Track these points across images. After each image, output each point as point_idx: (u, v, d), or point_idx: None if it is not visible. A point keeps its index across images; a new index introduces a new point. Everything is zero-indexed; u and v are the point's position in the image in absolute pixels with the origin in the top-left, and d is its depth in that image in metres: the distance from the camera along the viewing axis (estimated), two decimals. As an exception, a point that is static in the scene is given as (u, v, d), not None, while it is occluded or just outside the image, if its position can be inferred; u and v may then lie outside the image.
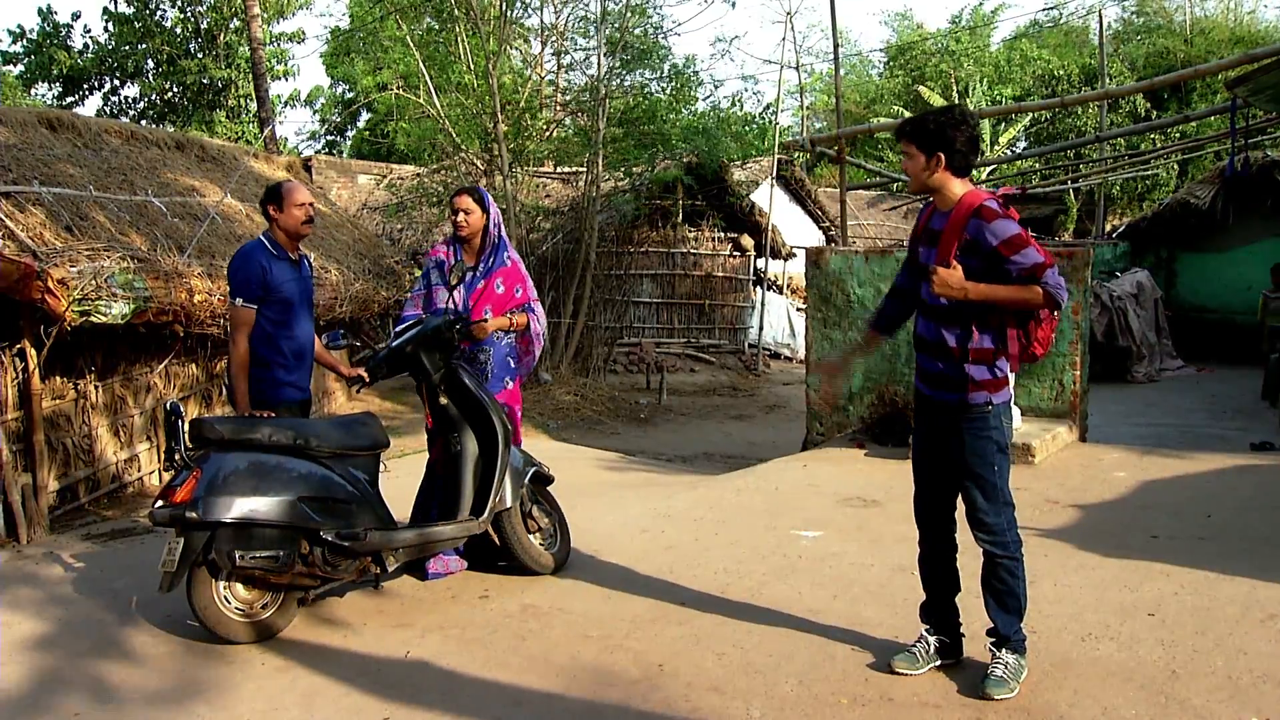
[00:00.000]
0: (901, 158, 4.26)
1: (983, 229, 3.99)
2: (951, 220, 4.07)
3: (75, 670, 4.79)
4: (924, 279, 4.19)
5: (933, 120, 4.11)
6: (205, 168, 12.79)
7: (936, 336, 4.19)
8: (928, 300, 4.21)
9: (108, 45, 28.75)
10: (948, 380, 4.17)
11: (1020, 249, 3.96)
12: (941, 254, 4.05)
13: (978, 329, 4.10)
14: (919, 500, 4.46)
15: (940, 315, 4.16)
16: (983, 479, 4.15)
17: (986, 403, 4.14)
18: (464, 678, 4.54)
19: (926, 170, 4.12)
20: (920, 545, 4.48)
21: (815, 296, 10.13)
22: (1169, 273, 17.24)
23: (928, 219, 4.27)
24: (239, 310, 5.49)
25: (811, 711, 4.05)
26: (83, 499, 8.50)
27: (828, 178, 34.28)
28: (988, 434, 4.15)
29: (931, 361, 4.23)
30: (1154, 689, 4.11)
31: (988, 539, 4.17)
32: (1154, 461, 8.49)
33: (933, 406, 4.30)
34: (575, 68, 21.22)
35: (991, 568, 4.19)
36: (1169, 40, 35.02)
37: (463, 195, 6.12)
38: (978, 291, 3.99)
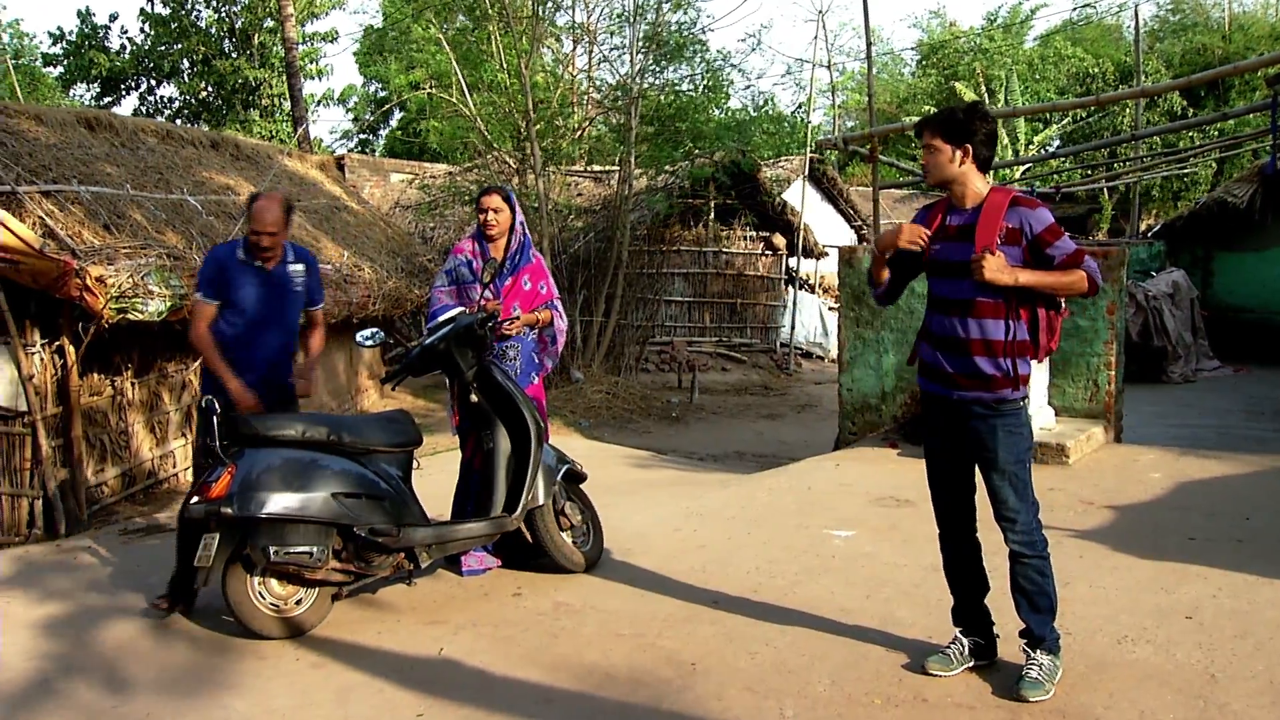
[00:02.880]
0: (925, 151, 4.21)
1: (1025, 217, 4.02)
2: (986, 212, 4.06)
3: (111, 663, 4.83)
4: (949, 277, 4.16)
5: (960, 113, 4.11)
6: (240, 166, 12.90)
7: (974, 332, 4.12)
8: (962, 297, 4.14)
9: (144, 46, 29.05)
10: (984, 377, 4.11)
11: (1060, 235, 4.03)
12: (983, 243, 4.02)
13: (1016, 321, 4.09)
14: (942, 505, 4.41)
15: (980, 310, 4.11)
16: (1016, 476, 4.12)
17: (1022, 396, 4.13)
18: (496, 675, 4.55)
19: (953, 163, 4.10)
20: (945, 549, 4.44)
21: (848, 295, 10.09)
22: (1205, 272, 17.06)
23: (942, 216, 4.23)
24: (196, 303, 5.71)
25: (845, 711, 4.03)
26: (119, 494, 8.59)
27: (859, 176, 34.16)
28: (1020, 429, 4.14)
29: (963, 360, 4.16)
30: (1192, 693, 4.06)
31: (1018, 538, 4.13)
32: (1190, 463, 8.40)
33: (958, 408, 4.22)
34: (607, 63, 21.22)
35: (1020, 568, 4.15)
36: (1206, 37, 34.65)
37: (491, 194, 6.15)
38: (1029, 278, 3.99)
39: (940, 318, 4.26)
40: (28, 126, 9.18)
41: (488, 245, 6.14)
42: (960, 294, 4.15)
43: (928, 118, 4.23)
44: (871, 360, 9.92)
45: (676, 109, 18.38)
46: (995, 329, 4.09)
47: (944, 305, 4.24)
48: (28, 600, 5.80)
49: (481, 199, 6.17)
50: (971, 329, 4.13)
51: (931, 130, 4.15)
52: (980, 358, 4.11)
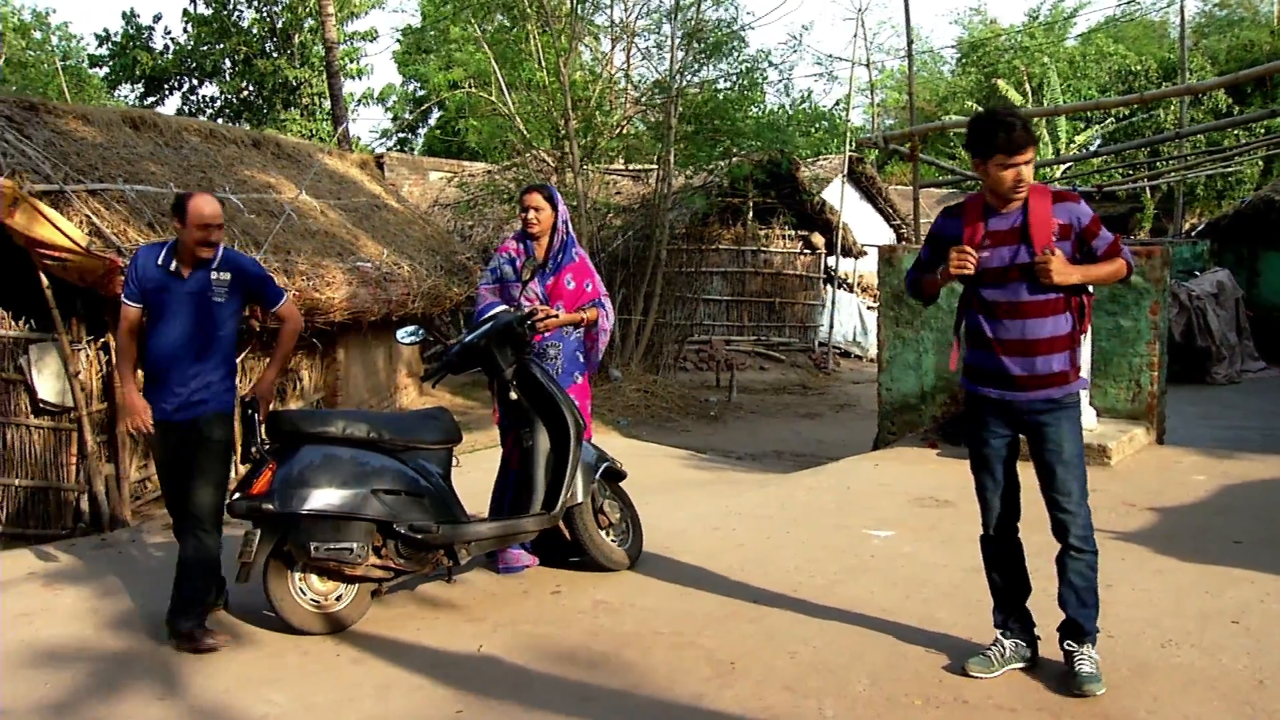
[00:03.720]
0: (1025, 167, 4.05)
1: (1073, 212, 4.07)
2: (1035, 212, 4.04)
3: (155, 656, 4.89)
4: (1005, 281, 4.10)
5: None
6: (281, 165, 13.00)
7: (1044, 332, 4.09)
8: (1025, 299, 4.10)
9: (187, 46, 29.36)
10: (1055, 374, 4.10)
11: (1100, 228, 4.09)
12: (1040, 244, 4.01)
13: (1071, 314, 4.11)
14: (992, 507, 4.37)
15: (1045, 309, 4.09)
16: (1079, 469, 4.14)
17: (1079, 388, 4.18)
18: (535, 673, 4.56)
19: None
20: (988, 550, 4.40)
21: (888, 295, 10.04)
22: (1251, 272, 16.84)
23: (981, 220, 4.17)
24: (123, 308, 5.32)
25: (884, 712, 4.01)
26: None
27: (898, 175, 33.98)
28: (1080, 420, 4.20)
29: (1031, 361, 4.12)
30: (1238, 699, 4.01)
31: (1078, 532, 4.13)
32: (1235, 465, 8.29)
33: (1021, 408, 4.19)
34: (646, 61, 21.22)
35: (1074, 564, 4.14)
36: (1253, 32, 34.19)
37: (533, 193, 6.14)
38: (1083, 273, 4.05)
39: (996, 322, 4.19)
40: (75, 126, 9.30)
41: (531, 244, 6.12)
42: (1018, 296, 4.11)
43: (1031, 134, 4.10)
44: (911, 360, 9.86)
45: (714, 107, 18.35)
46: (1057, 325, 4.10)
47: (999, 309, 4.18)
48: (76, 593, 5.89)
49: (523, 197, 6.15)
50: (1039, 328, 4.10)
51: (1031, 142, 4.08)
52: (1048, 356, 4.10)
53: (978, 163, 4.12)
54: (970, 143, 4.16)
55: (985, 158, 4.06)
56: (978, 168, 4.14)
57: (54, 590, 5.98)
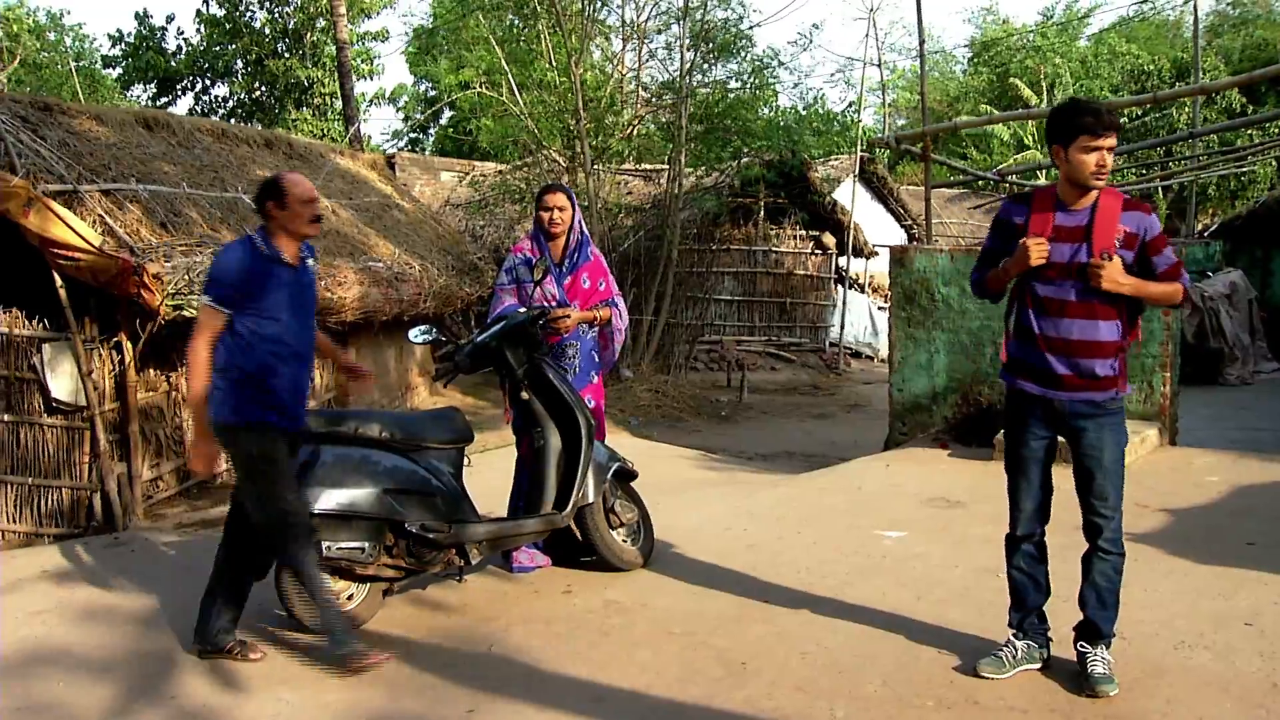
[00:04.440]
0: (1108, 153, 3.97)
1: (1143, 223, 3.99)
2: (1102, 214, 3.99)
3: (169, 656, 4.91)
4: (1059, 277, 4.07)
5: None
6: (293, 165, 13.02)
7: (1089, 334, 4.06)
8: (1072, 298, 4.07)
9: (199, 46, 29.45)
10: (1097, 377, 4.07)
11: (1166, 246, 4.00)
12: (1100, 247, 3.96)
13: (1123, 322, 4.07)
14: (1023, 506, 4.32)
15: (1093, 311, 4.05)
16: (1117, 475, 4.12)
17: (1123, 395, 4.15)
18: (546, 673, 4.57)
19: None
20: (1019, 549, 4.34)
21: (899, 295, 10.02)
22: (1264, 272, 16.77)
23: (1050, 214, 4.11)
24: (205, 309, 4.69)
25: (896, 713, 4.01)
26: (174, 489, 8.71)
27: (909, 175, 33.93)
28: (1123, 427, 4.17)
29: (1074, 362, 4.09)
30: (1252, 701, 3.99)
31: (1110, 534, 4.13)
32: (1248, 466, 8.25)
33: (1061, 408, 4.16)
34: (656, 59, 21.22)
35: (1100, 566, 4.14)
36: (1267, 31, 34.07)
37: (556, 193, 6.12)
38: (1133, 286, 3.97)
39: (1046, 319, 4.16)
40: (88, 126, 9.33)
41: (548, 244, 6.10)
42: (1069, 295, 4.08)
43: (1115, 118, 4.02)
44: (923, 360, 9.84)
45: (725, 107, 18.35)
46: (1109, 330, 4.06)
47: (1050, 306, 4.14)
48: (88, 592, 5.91)
49: (545, 197, 6.12)
50: (1086, 330, 4.07)
51: (1118, 130, 4.02)
52: (1093, 360, 4.06)
53: (1058, 149, 4.02)
54: (1051, 129, 4.08)
55: (1067, 142, 3.98)
56: (1057, 155, 4.04)
57: (67, 589, 6.00)
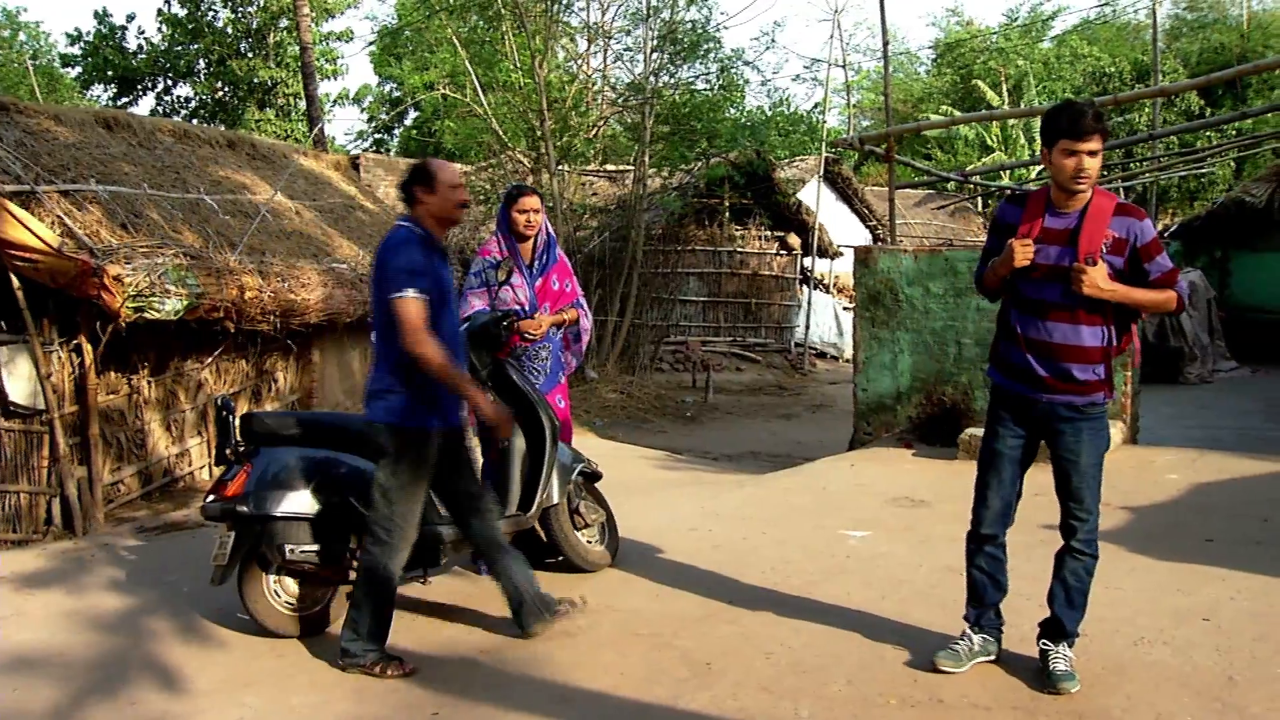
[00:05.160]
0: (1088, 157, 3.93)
1: (1135, 229, 3.96)
2: (1091, 218, 3.97)
3: (129, 660, 4.86)
4: (1043, 279, 4.07)
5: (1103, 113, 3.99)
6: (256, 166, 12.93)
7: (1068, 337, 4.06)
8: (1054, 300, 4.07)
9: (161, 46, 29.18)
10: (1075, 381, 4.08)
11: (1160, 252, 3.96)
12: (1085, 251, 3.93)
13: (1109, 328, 4.05)
14: (988, 502, 4.35)
15: (1075, 315, 4.04)
16: (1095, 479, 4.15)
17: (1109, 399, 4.16)
18: (512, 674, 4.55)
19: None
20: (981, 547, 4.37)
21: (864, 296, 10.07)
22: (1223, 272, 16.97)
23: (1041, 215, 4.10)
24: (411, 302, 4.44)
25: (860, 712, 4.02)
26: (136, 493, 8.62)
27: (874, 176, 34.09)
28: (1104, 432, 4.17)
29: (1053, 363, 4.09)
30: (1210, 695, 4.04)
31: (1084, 536, 4.17)
32: (1208, 464, 8.35)
33: (1040, 409, 4.18)
34: (622, 62, 21.24)
35: (1072, 565, 4.18)
36: (1224, 35, 34.49)
37: (532, 195, 6.05)
38: (1121, 292, 3.94)
39: (1031, 320, 4.16)
40: (46, 126, 9.22)
41: (517, 246, 6.04)
42: (1053, 297, 4.07)
43: (1101, 119, 3.94)
44: (887, 360, 9.89)
45: (691, 108, 18.38)
46: (1091, 335, 4.05)
47: (1035, 307, 4.14)
48: (47, 597, 5.84)
49: (521, 199, 6.00)
50: (1068, 334, 4.07)
51: (1102, 134, 3.94)
52: (1074, 364, 4.06)
53: (1045, 152, 4.03)
54: (1041, 131, 4.08)
55: (1050, 145, 3.97)
56: (1045, 158, 4.04)
57: (25, 594, 5.93)
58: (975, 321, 9.23)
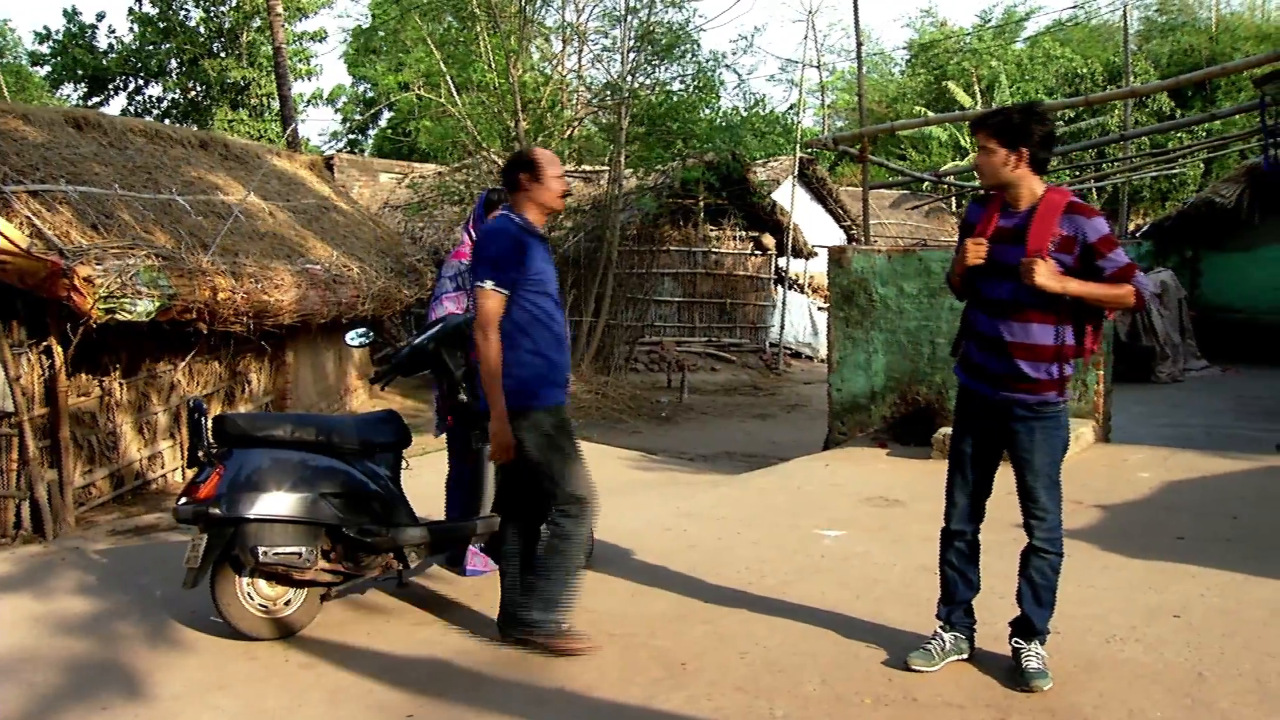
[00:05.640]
0: (980, 153, 4.15)
1: (1082, 225, 3.99)
2: (1040, 216, 4.03)
3: (100, 665, 4.82)
4: (996, 278, 4.14)
5: (1017, 115, 4.08)
6: (228, 166, 12.85)
7: (1017, 335, 4.11)
8: (1003, 297, 4.13)
9: (132, 45, 28.94)
10: (1027, 379, 4.11)
11: (1115, 247, 3.99)
12: (1034, 248, 3.99)
13: (1064, 326, 4.07)
14: (957, 500, 4.40)
15: (1025, 313, 4.09)
16: (1050, 478, 4.17)
17: (1064, 400, 4.16)
18: (487, 676, 4.55)
19: (1007, 165, 4.07)
20: (947, 544, 4.44)
21: (838, 296, 10.10)
22: (1194, 272, 17.11)
23: (995, 217, 4.19)
24: (489, 294, 4.57)
25: (835, 711, 4.04)
26: (107, 495, 8.55)
27: (849, 177, 34.17)
28: (1060, 432, 4.19)
29: (1006, 361, 4.14)
30: (1180, 691, 4.08)
31: (1044, 534, 4.19)
32: (1179, 462, 8.42)
33: (997, 407, 4.22)
34: (599, 62, 21.22)
35: (1036, 563, 4.20)
36: (1193, 37, 34.75)
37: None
38: (1077, 287, 3.97)
39: (986, 318, 4.23)
40: (15, 126, 9.12)
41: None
42: (1006, 295, 4.13)
43: (982, 118, 4.17)
44: (861, 360, 9.93)
45: (667, 109, 18.39)
46: (1042, 333, 4.08)
47: (990, 306, 4.21)
48: (16, 602, 5.78)
49: (499, 205, 6.01)
50: (1018, 332, 4.11)
51: (986, 131, 4.09)
52: (1025, 361, 4.10)
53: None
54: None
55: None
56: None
57: (-5, 598, 5.87)
58: (949, 321, 9.27)
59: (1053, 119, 4.12)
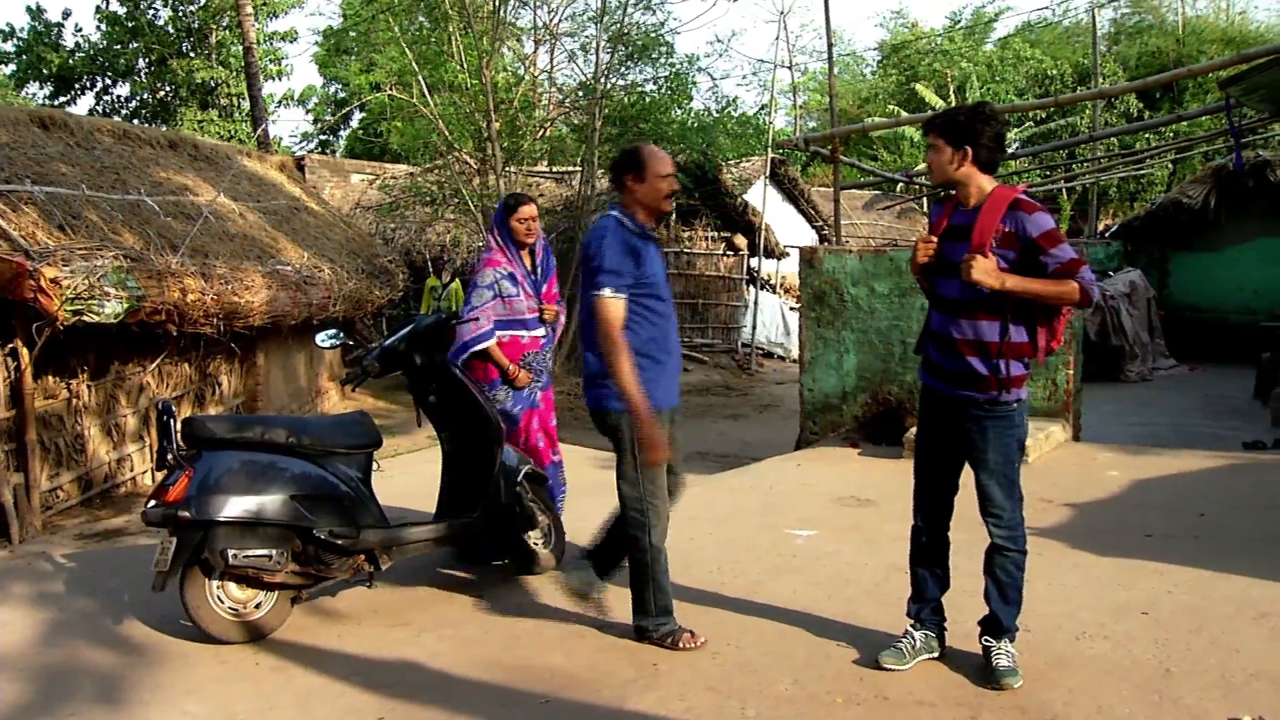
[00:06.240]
0: (929, 151, 4.23)
1: (1023, 221, 4.00)
2: (985, 213, 4.05)
3: (69, 670, 4.78)
4: (945, 276, 4.18)
5: (962, 115, 4.13)
6: (198, 167, 12.78)
7: (966, 332, 4.14)
8: (953, 295, 4.17)
9: (99, 44, 28.67)
10: (977, 378, 4.13)
11: (1058, 243, 3.99)
12: (976, 245, 4.01)
13: (1014, 324, 4.09)
14: (923, 499, 4.45)
15: (971, 310, 4.12)
16: (1004, 476, 4.18)
17: (1016, 400, 4.16)
18: (459, 678, 4.53)
19: (952, 164, 4.11)
20: (915, 542, 4.49)
21: (809, 296, 10.12)
22: (1162, 272, 17.25)
23: (948, 216, 4.25)
24: (609, 302, 4.50)
25: (806, 711, 4.05)
26: (75, 499, 8.48)
27: (821, 177, 34.25)
28: (1013, 431, 4.19)
29: (957, 359, 4.17)
30: (1148, 688, 4.12)
31: (1002, 533, 4.20)
32: (1147, 460, 8.50)
33: (950, 404, 4.26)
34: (572, 63, 21.19)
35: (999, 561, 4.22)
36: (1161, 40, 35.03)
37: (529, 203, 6.26)
38: (1015, 283, 3.97)
39: (938, 315, 4.28)
40: (-21, 126, 9.04)
41: (519, 253, 6.24)
42: (955, 293, 4.16)
43: (931, 117, 4.25)
44: (833, 360, 9.96)
45: (640, 110, 18.38)
46: (989, 330, 4.10)
47: (941, 303, 4.27)
48: (-19, 606, 5.72)
49: (521, 208, 6.20)
50: (965, 329, 4.14)
51: (934, 131, 4.16)
52: (972, 358, 4.13)
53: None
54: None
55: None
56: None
57: (-39, 603, 5.81)
58: (919, 321, 9.27)
59: (1002, 119, 4.16)
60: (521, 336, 6.21)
